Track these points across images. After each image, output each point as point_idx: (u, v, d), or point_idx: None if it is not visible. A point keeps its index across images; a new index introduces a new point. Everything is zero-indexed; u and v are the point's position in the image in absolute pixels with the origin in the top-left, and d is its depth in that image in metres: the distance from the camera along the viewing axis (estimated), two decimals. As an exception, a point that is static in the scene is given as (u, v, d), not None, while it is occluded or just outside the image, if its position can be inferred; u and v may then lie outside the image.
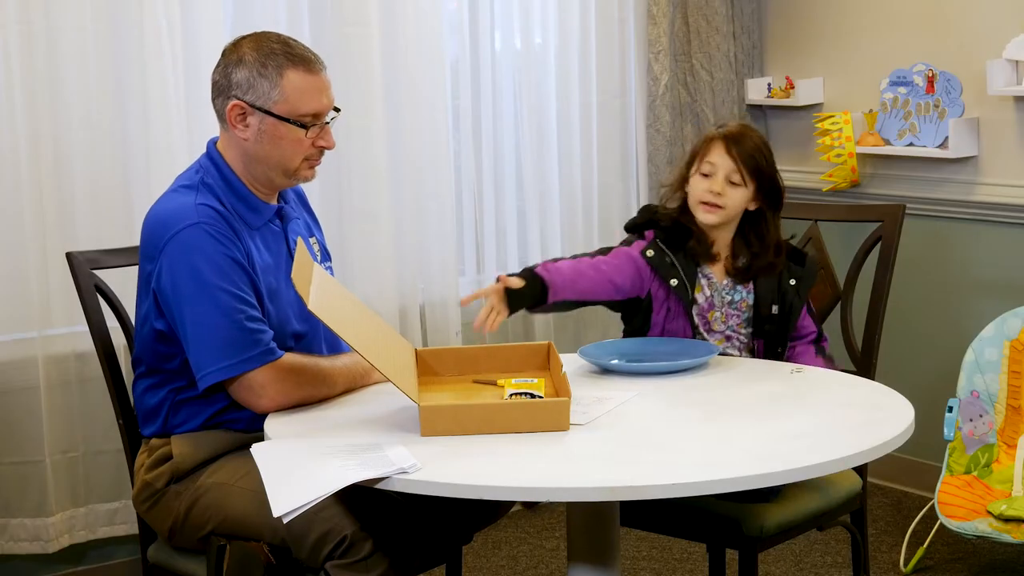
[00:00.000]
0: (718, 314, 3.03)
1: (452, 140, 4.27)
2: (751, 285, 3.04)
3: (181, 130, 3.75)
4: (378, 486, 2.27)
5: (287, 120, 2.68)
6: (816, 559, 4.00)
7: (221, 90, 2.73)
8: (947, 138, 4.22)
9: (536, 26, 4.44)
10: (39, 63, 3.57)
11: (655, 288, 3.02)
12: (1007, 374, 3.74)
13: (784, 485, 2.90)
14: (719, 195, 2.99)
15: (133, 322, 2.98)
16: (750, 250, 3.04)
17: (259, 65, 2.67)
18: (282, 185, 2.79)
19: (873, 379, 3.03)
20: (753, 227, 3.05)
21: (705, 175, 3.01)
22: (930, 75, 4.26)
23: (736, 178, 2.99)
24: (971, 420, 3.75)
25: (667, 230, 3.04)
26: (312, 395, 2.68)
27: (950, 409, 3.72)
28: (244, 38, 2.75)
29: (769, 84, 4.68)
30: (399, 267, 4.15)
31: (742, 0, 4.69)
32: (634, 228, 3.10)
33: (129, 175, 3.73)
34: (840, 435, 2.49)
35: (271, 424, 2.59)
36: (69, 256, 2.94)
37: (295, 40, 2.75)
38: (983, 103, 4.17)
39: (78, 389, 3.69)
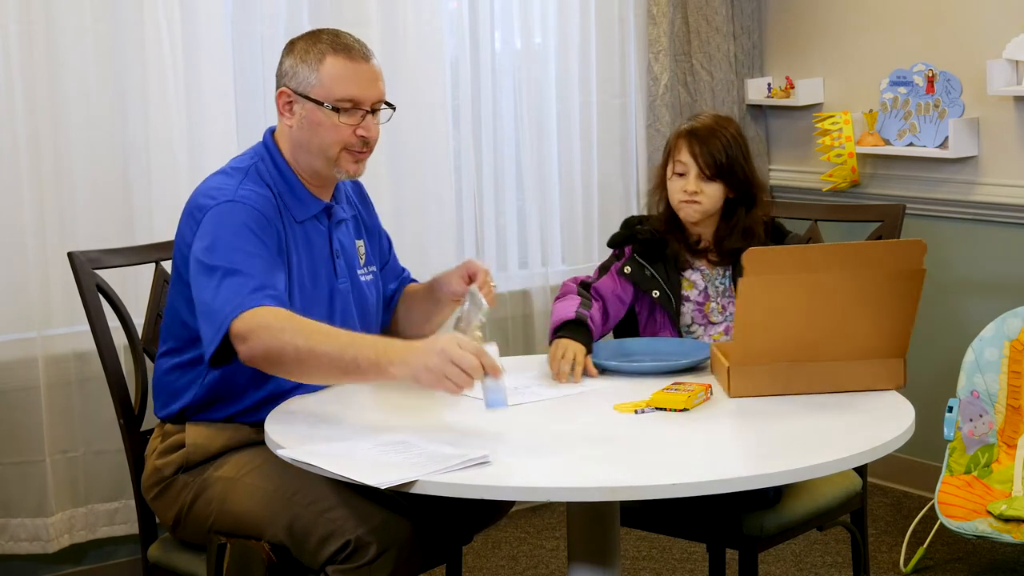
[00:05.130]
0: (714, 304, 3.04)
1: (452, 140, 4.27)
2: (731, 268, 3.05)
3: (181, 130, 3.75)
4: (386, 488, 2.25)
5: (321, 104, 2.71)
6: (816, 559, 4.00)
7: (276, 80, 2.79)
8: (947, 138, 4.22)
9: (536, 26, 4.44)
10: (39, 63, 3.57)
11: (638, 304, 3.08)
12: (1007, 374, 3.74)
13: (784, 491, 2.90)
14: (695, 193, 3.02)
15: (135, 317, 3.01)
16: (736, 234, 3.03)
17: (303, 53, 2.74)
18: (328, 176, 2.78)
19: (873, 379, 3.03)
20: (734, 212, 3.05)
21: (679, 175, 3.03)
22: (930, 75, 4.26)
23: (706, 176, 3.01)
24: (971, 420, 3.75)
25: (645, 243, 3.06)
26: (288, 349, 2.48)
27: (950, 409, 3.71)
28: (305, 32, 2.82)
29: (769, 84, 4.68)
30: (399, 267, 4.14)
31: (742, 0, 4.69)
32: (614, 244, 3.12)
33: (129, 175, 3.73)
34: (840, 435, 2.49)
35: (271, 424, 2.58)
36: (71, 256, 2.94)
37: (350, 35, 2.79)
38: (983, 103, 4.17)
39: (78, 389, 3.69)
